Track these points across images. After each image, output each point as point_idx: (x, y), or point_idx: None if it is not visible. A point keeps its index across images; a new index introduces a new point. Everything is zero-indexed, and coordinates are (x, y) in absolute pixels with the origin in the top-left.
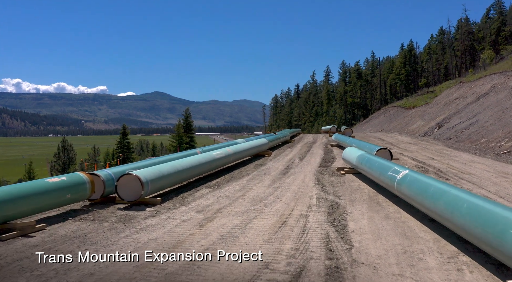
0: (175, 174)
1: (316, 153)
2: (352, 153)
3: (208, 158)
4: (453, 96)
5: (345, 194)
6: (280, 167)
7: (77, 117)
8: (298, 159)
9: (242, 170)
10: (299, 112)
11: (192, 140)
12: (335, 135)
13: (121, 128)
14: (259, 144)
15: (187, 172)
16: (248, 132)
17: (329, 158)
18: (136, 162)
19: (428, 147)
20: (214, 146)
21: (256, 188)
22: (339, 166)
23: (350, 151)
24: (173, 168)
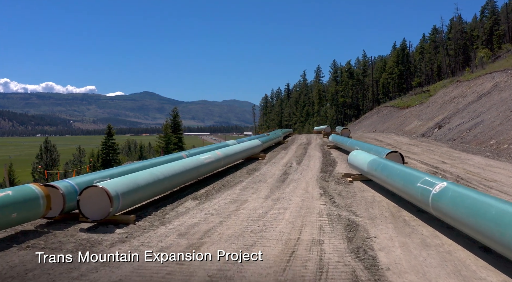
0: (154, 184)
1: (314, 156)
2: (361, 157)
3: (195, 164)
4: (450, 96)
5: (360, 208)
6: (277, 172)
7: (66, 117)
8: (296, 163)
9: (234, 176)
10: (289, 112)
11: (180, 141)
12: (333, 136)
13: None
14: (252, 146)
15: (170, 181)
16: (237, 132)
17: (329, 162)
18: (109, 169)
19: (432, 149)
20: (202, 149)
21: (252, 200)
22: (345, 172)
23: (358, 155)
24: (153, 177)
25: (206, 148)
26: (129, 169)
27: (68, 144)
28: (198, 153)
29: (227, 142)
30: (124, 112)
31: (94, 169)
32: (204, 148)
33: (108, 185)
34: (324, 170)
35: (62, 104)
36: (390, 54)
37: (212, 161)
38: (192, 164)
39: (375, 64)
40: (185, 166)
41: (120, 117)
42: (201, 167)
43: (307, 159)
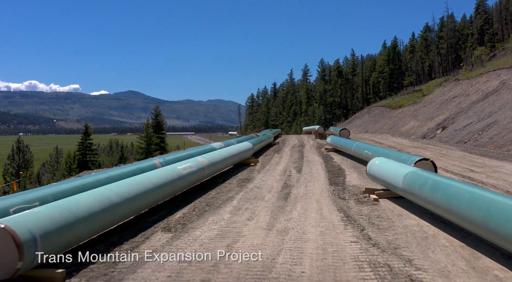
0: (105, 212)
1: (313, 161)
2: (391, 168)
3: (170, 177)
4: (449, 95)
5: (414, 251)
6: (275, 184)
7: (49, 116)
8: (295, 170)
9: (221, 190)
10: (276, 112)
11: (162, 141)
12: (332, 137)
13: (94, 127)
14: (242, 149)
15: (131, 206)
16: (222, 132)
17: (335, 170)
18: (45, 187)
19: (445, 152)
20: (181, 154)
21: (249, 233)
22: (366, 187)
23: (385, 165)
24: (103, 202)
25: (187, 153)
26: (73, 187)
27: (51, 143)
28: (177, 160)
29: (212, 145)
30: (109, 111)
31: (70, 173)
32: (184, 153)
33: (18, 222)
34: (334, 181)
35: (45, 103)
36: (380, 53)
37: (194, 171)
38: (165, 178)
39: (364, 63)
40: (155, 181)
41: (105, 116)
42: (177, 181)
43: (307, 165)
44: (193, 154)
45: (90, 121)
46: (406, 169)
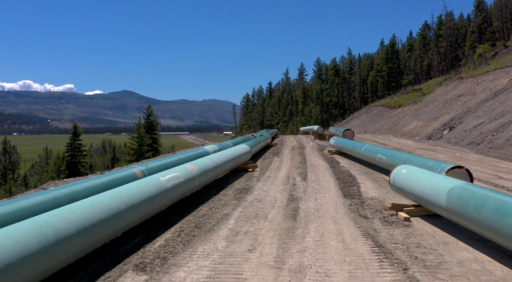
0: (49, 253)
1: (318, 166)
2: (425, 180)
3: (149, 192)
4: (453, 93)
5: None
6: (279, 195)
7: (43, 116)
8: (300, 177)
9: (215, 205)
10: (272, 112)
11: (155, 142)
12: (336, 139)
13: (88, 127)
14: (239, 153)
15: (90, 236)
16: (217, 131)
17: (345, 176)
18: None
19: (459, 155)
20: (168, 160)
21: (252, 276)
22: (393, 203)
23: (417, 176)
24: (41, 239)
25: (175, 158)
26: (15, 210)
27: (44, 143)
28: (162, 168)
29: (205, 149)
30: (103, 111)
31: (58, 175)
32: (172, 159)
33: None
34: (347, 191)
35: (39, 103)
36: (377, 51)
37: (181, 183)
38: (143, 195)
39: (362, 61)
40: (129, 199)
41: (99, 116)
42: (159, 197)
43: (312, 170)
44: (183, 160)
45: (85, 121)
46: (449, 183)
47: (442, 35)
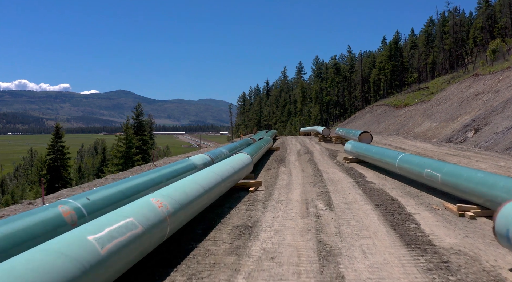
0: None
1: (339, 181)
2: None
3: (61, 278)
4: (469, 91)
5: None
6: (301, 244)
7: (39, 115)
8: (322, 203)
9: (197, 269)
10: (269, 111)
11: (145, 143)
12: (353, 143)
13: (84, 126)
14: (237, 167)
15: None
16: (213, 131)
17: (384, 201)
18: None
19: (504, 164)
20: (129, 183)
21: None
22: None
23: None
24: None
25: (139, 181)
26: None
27: (38, 143)
28: (112, 200)
29: (192, 161)
30: (99, 110)
31: (39, 180)
32: (135, 181)
33: None
34: (405, 233)
35: (35, 102)
36: (379, 48)
37: (134, 238)
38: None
39: (363, 60)
40: None
41: (95, 116)
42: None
43: (335, 189)
44: (149, 184)
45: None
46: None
47: (447, 32)
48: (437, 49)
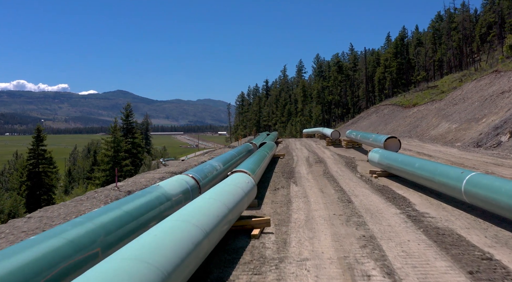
0: None
1: (381, 214)
2: None
3: None
4: (491, 89)
5: None
6: None
7: (37, 116)
8: (375, 266)
9: None
10: (269, 111)
11: (135, 146)
12: (382, 153)
13: (82, 127)
14: (235, 201)
15: None
16: (212, 131)
17: (475, 261)
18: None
19: None
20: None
21: None
22: None
23: None
24: None
25: (47, 248)
26: None
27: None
28: None
29: (164, 190)
30: (97, 111)
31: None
32: (35, 252)
33: None
34: None
35: (33, 102)
36: (384, 46)
37: None
38: None
39: (367, 58)
40: None
41: (93, 116)
42: None
43: (383, 233)
44: (89, 234)
45: (79, 121)
46: None
47: (455, 28)
48: (445, 46)
